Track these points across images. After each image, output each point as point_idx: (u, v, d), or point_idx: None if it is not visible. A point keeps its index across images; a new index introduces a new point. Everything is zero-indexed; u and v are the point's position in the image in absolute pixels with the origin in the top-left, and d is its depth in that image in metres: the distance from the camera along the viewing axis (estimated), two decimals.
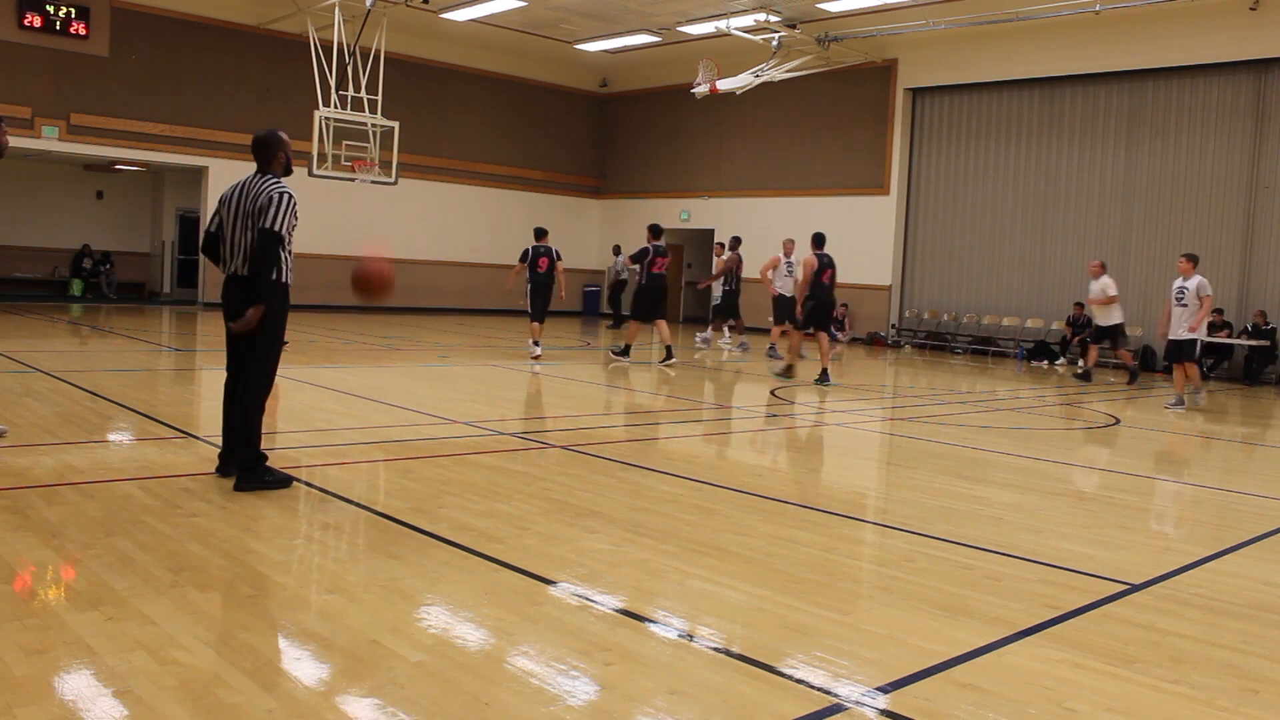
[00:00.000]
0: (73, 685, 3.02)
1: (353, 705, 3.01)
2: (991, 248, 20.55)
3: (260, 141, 5.68)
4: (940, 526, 5.65)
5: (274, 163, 5.68)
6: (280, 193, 5.53)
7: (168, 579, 4.03)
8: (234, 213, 5.62)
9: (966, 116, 20.89)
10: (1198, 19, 17.06)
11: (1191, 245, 17.88)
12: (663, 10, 20.28)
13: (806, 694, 3.25)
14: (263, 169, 5.67)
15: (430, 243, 23.58)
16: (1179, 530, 6.00)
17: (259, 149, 5.68)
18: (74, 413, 7.69)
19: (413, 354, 14.57)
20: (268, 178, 5.62)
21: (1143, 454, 9.07)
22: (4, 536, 4.44)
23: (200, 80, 20.99)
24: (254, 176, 5.66)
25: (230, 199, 5.68)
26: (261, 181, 5.60)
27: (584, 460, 7.11)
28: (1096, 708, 3.26)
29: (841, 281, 21.92)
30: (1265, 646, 3.94)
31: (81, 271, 23.36)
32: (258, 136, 5.72)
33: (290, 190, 5.61)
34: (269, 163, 5.68)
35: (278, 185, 5.57)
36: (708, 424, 9.97)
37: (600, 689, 3.22)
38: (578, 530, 5.14)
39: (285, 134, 5.80)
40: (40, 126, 19.38)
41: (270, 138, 5.68)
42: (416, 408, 9.33)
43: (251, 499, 5.39)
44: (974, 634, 3.89)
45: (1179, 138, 18.07)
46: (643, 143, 26.69)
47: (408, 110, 21.61)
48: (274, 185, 5.56)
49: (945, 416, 10.70)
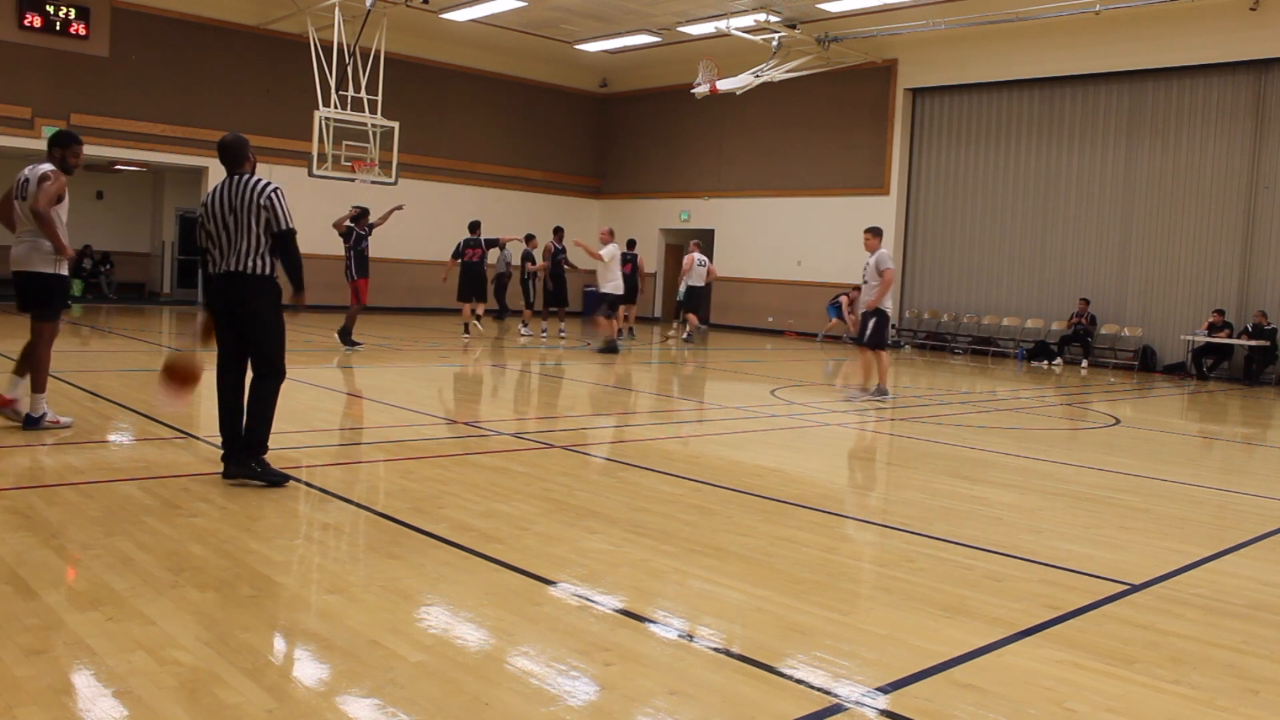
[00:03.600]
0: (73, 685, 3.02)
1: (353, 705, 3.01)
2: (991, 248, 20.55)
3: (231, 146, 5.82)
4: (940, 526, 5.65)
5: (246, 163, 5.83)
6: (273, 191, 5.68)
7: (168, 579, 4.03)
8: (223, 213, 5.67)
9: (966, 116, 20.89)
10: (1198, 19, 17.06)
11: (1192, 245, 17.94)
12: (663, 10, 20.28)
13: (806, 694, 3.25)
14: (236, 170, 5.79)
15: (430, 243, 23.56)
16: (1179, 530, 6.00)
17: (234, 153, 5.81)
18: (74, 413, 7.69)
19: (413, 354, 14.57)
20: (250, 178, 5.74)
21: (1143, 454, 9.07)
22: (4, 536, 4.45)
23: (200, 80, 20.98)
24: (233, 179, 5.75)
25: (215, 205, 5.71)
26: (246, 182, 5.70)
27: (584, 460, 7.11)
28: (1096, 708, 3.26)
29: (841, 281, 22.15)
30: (1265, 646, 3.94)
31: (81, 272, 23.35)
32: (228, 141, 5.84)
33: (276, 184, 5.76)
34: (241, 164, 5.81)
35: (266, 184, 5.70)
36: (708, 424, 9.97)
37: (600, 689, 3.22)
38: (578, 530, 5.14)
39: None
40: (40, 126, 19.37)
41: (240, 141, 5.85)
42: (416, 408, 9.33)
43: (252, 499, 5.39)
44: (974, 634, 3.89)
45: (1179, 138, 18.07)
46: (643, 143, 26.69)
47: (408, 110, 21.61)
48: (263, 185, 5.68)
49: (945, 417, 10.70)
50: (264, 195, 5.63)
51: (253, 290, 5.67)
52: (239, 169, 5.79)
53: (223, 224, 5.67)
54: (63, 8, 19.23)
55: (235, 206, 5.63)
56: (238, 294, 5.67)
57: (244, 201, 5.62)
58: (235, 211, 5.63)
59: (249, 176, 5.75)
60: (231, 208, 5.64)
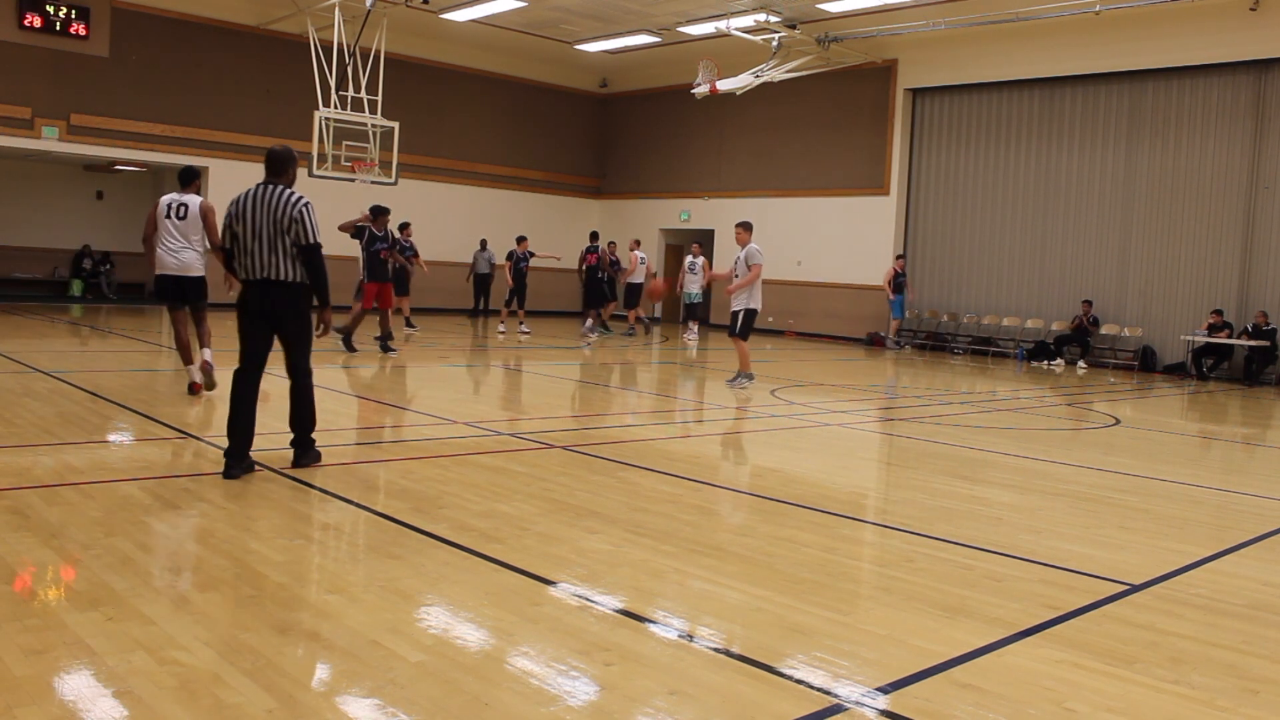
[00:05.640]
0: (73, 685, 3.02)
1: (353, 705, 3.01)
2: (991, 248, 20.55)
3: (281, 157, 6.09)
4: (940, 526, 5.65)
5: (285, 176, 6.10)
6: (305, 205, 5.95)
7: (168, 579, 4.03)
8: (253, 224, 5.91)
9: (966, 116, 20.89)
10: (1198, 19, 17.06)
11: (1192, 245, 17.94)
12: (663, 10, 20.28)
13: (806, 694, 3.25)
14: (276, 180, 6.03)
15: (430, 243, 23.53)
16: (1179, 530, 6.00)
17: (280, 164, 6.09)
18: (74, 413, 7.70)
19: (413, 354, 14.56)
20: (284, 189, 5.98)
21: (1142, 454, 9.07)
22: (4, 536, 4.45)
23: (200, 80, 20.98)
24: (267, 188, 5.97)
25: (246, 213, 5.94)
26: (279, 194, 5.94)
27: (584, 460, 7.11)
28: (1096, 708, 3.26)
29: (842, 281, 22.16)
30: (1265, 646, 3.94)
31: (81, 272, 23.37)
32: (278, 153, 6.11)
33: (306, 197, 6.03)
34: (283, 176, 6.09)
35: (299, 198, 5.97)
36: (707, 424, 9.97)
37: (600, 689, 3.22)
38: (578, 530, 5.14)
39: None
40: (40, 126, 19.38)
41: (289, 154, 6.14)
42: (417, 408, 9.34)
43: (252, 499, 5.39)
44: (974, 634, 3.89)
45: (1179, 138, 18.07)
46: (643, 143, 26.69)
47: (408, 110, 21.61)
48: (295, 198, 5.94)
49: (945, 417, 10.70)
50: (296, 208, 5.89)
51: (288, 297, 5.96)
52: (278, 180, 6.06)
53: (254, 231, 5.90)
54: (63, 8, 19.22)
55: (269, 221, 5.87)
56: (273, 301, 5.94)
57: (276, 212, 5.87)
58: (267, 221, 5.87)
59: (284, 188, 6.00)
60: (262, 220, 5.88)
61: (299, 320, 6.05)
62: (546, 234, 24.56)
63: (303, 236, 5.89)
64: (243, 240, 5.94)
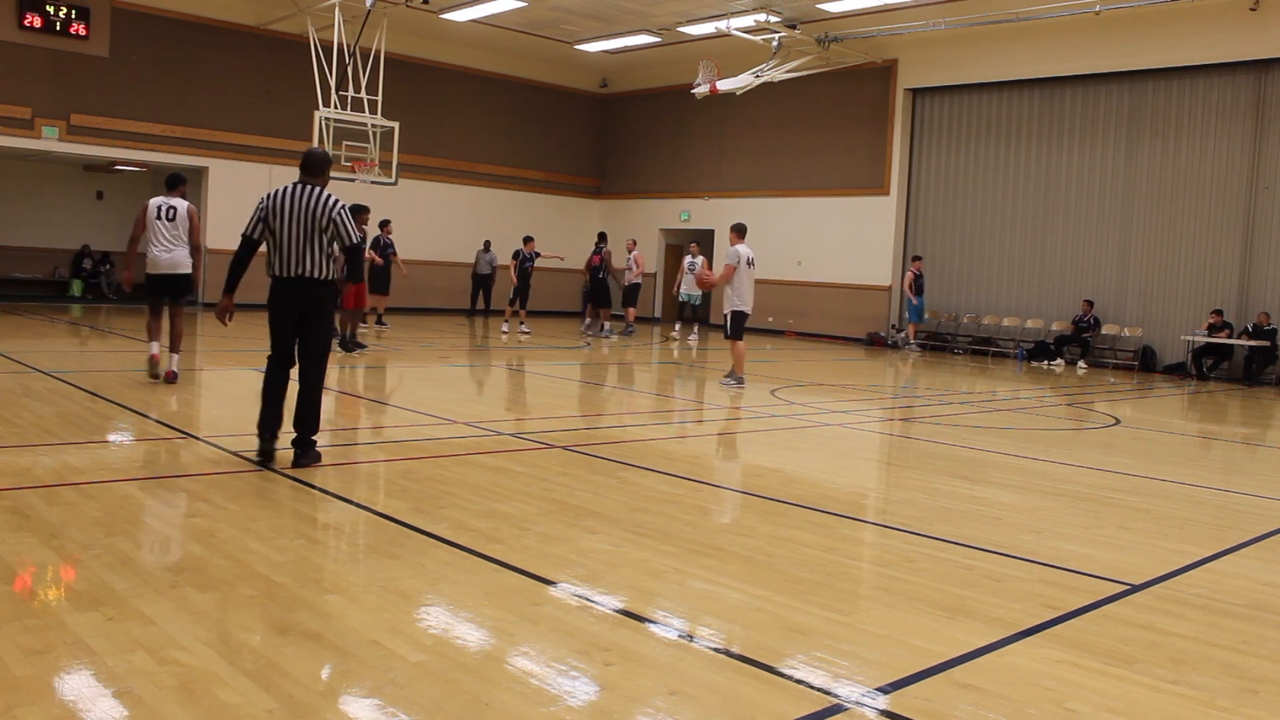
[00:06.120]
0: (73, 685, 3.02)
1: (353, 705, 3.01)
2: (991, 248, 20.55)
3: (318, 159, 6.35)
4: (940, 527, 5.65)
5: (323, 178, 6.34)
6: (342, 208, 6.20)
7: (168, 579, 4.03)
8: (290, 222, 6.08)
9: (966, 117, 20.88)
10: (1198, 19, 17.05)
11: (1192, 245, 17.94)
12: (663, 10, 20.28)
13: (806, 694, 3.25)
14: (311, 181, 6.26)
15: (430, 243, 23.57)
16: (1179, 530, 6.00)
17: (318, 165, 6.33)
18: (74, 413, 7.70)
19: (413, 354, 14.57)
20: (320, 190, 6.20)
21: (1142, 454, 9.07)
22: (4, 536, 4.44)
23: (200, 80, 20.97)
24: (302, 188, 6.17)
25: (283, 209, 6.11)
26: (315, 195, 6.15)
27: (584, 460, 7.11)
28: (1096, 708, 3.26)
29: (842, 281, 22.15)
30: (1265, 646, 3.94)
31: (81, 272, 23.36)
32: (316, 154, 6.38)
33: (341, 199, 6.33)
34: (320, 177, 6.32)
35: (336, 200, 6.20)
36: (708, 424, 9.97)
37: (600, 689, 3.22)
38: (578, 530, 5.14)
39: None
40: (40, 126, 19.37)
41: (326, 157, 6.43)
42: (416, 408, 9.34)
43: (252, 499, 5.40)
44: (974, 634, 3.89)
45: (1179, 138, 18.06)
46: (643, 143, 26.68)
47: (408, 110, 21.61)
48: (332, 201, 6.18)
49: (945, 417, 10.70)
50: (335, 210, 6.14)
51: (320, 293, 6.18)
52: (314, 180, 6.27)
53: (288, 228, 6.06)
54: (63, 8, 19.22)
55: (306, 215, 6.06)
56: (305, 297, 6.14)
57: (315, 212, 6.09)
58: (305, 219, 6.06)
59: (320, 189, 6.22)
60: (299, 218, 6.06)
61: (324, 320, 6.28)
62: (546, 234, 24.51)
63: (347, 237, 6.17)
64: (278, 237, 6.10)
